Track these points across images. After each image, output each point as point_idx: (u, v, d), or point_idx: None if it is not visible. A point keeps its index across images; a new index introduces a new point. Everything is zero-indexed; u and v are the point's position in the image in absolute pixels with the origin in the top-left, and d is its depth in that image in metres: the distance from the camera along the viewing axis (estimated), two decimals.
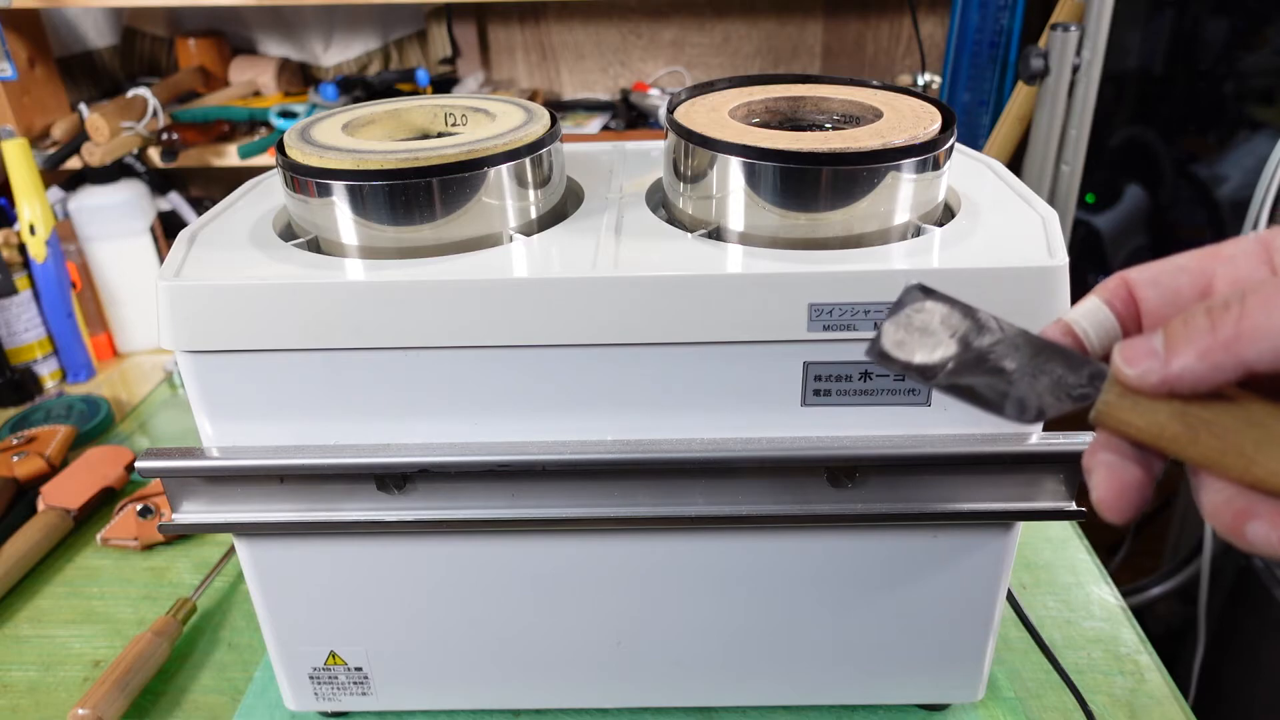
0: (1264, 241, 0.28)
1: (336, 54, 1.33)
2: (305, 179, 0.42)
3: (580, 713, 0.55)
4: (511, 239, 0.44)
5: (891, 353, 0.30)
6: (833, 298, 0.39)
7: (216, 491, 0.44)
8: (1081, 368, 0.28)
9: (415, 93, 1.20)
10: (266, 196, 0.49)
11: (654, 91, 1.27)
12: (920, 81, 1.23)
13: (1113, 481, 0.27)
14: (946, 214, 0.45)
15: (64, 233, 0.98)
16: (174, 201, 1.13)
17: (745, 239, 0.43)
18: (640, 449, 0.42)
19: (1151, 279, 0.29)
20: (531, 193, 0.45)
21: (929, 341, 0.30)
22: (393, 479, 0.43)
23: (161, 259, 0.73)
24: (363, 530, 0.45)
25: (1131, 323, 0.29)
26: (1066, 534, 0.70)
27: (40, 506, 0.72)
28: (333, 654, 0.51)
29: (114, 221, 1.00)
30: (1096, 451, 0.28)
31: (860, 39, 1.31)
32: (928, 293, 0.30)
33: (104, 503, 0.75)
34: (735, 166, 0.41)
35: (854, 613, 0.49)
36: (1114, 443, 0.28)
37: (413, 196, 0.41)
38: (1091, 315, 0.29)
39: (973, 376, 0.29)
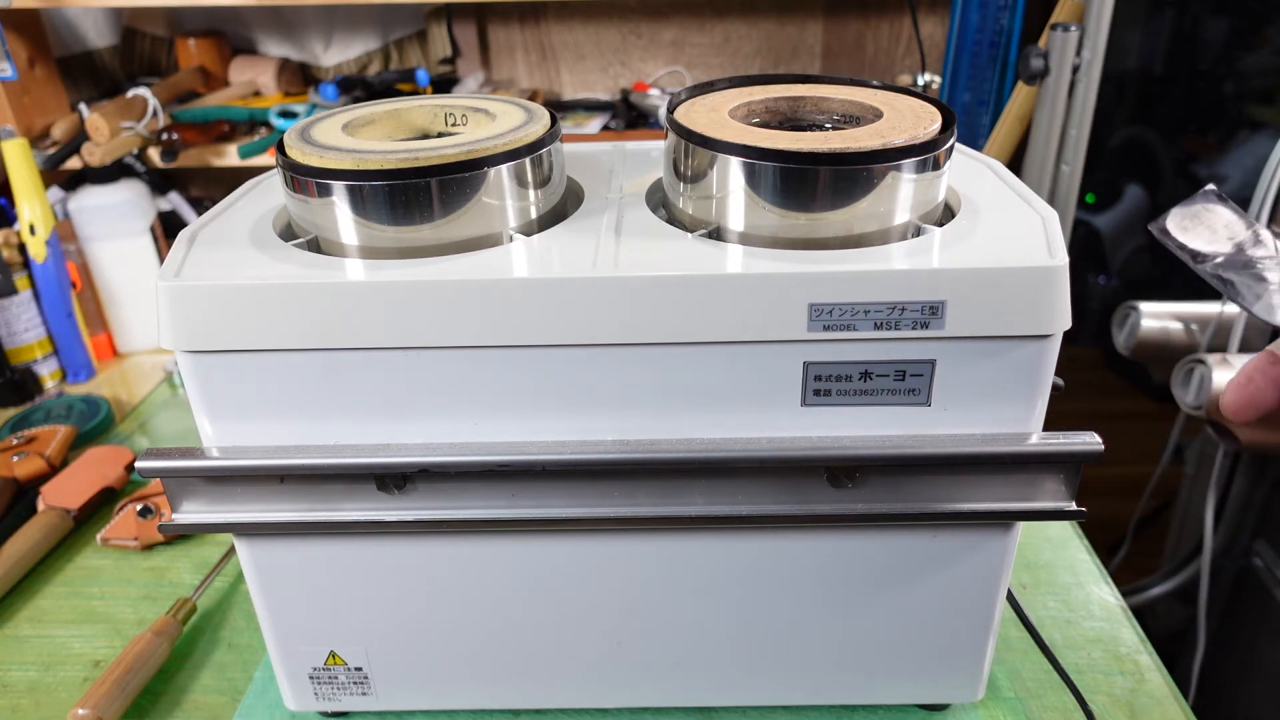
0: None
1: (336, 54, 1.33)
2: (305, 179, 0.42)
3: (580, 713, 0.55)
4: (511, 239, 0.44)
5: (1174, 232, 0.32)
6: (833, 298, 0.39)
7: (216, 491, 0.44)
8: None
9: (415, 93, 1.20)
10: (266, 196, 0.49)
11: (654, 91, 1.27)
12: (920, 81, 1.23)
13: (1253, 393, 0.31)
14: (946, 214, 0.45)
15: (64, 233, 0.98)
16: (174, 201, 1.13)
17: (745, 239, 0.43)
18: (640, 449, 0.42)
19: None
20: (531, 193, 0.45)
21: (1209, 236, 0.32)
22: (393, 479, 0.43)
23: (161, 259, 0.73)
24: (363, 530, 0.45)
25: None
26: (1066, 534, 0.70)
27: (40, 506, 0.73)
28: (333, 654, 0.51)
29: (114, 221, 1.00)
30: (1262, 365, 0.31)
31: (860, 39, 1.31)
32: (1221, 198, 0.32)
33: (104, 503, 0.75)
34: (735, 166, 0.41)
35: (854, 613, 0.49)
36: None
37: (413, 196, 0.41)
38: None
39: (1236, 274, 0.32)
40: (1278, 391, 0.31)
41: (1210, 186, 0.33)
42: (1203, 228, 0.33)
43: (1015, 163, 1.11)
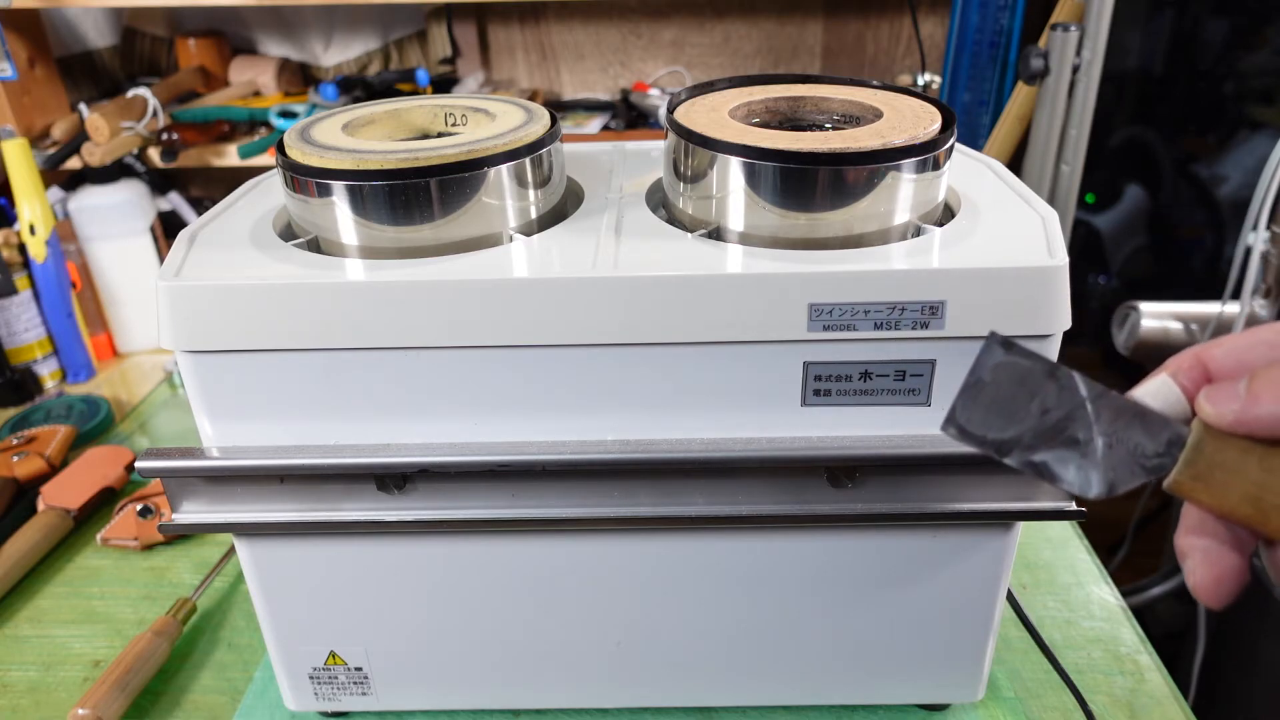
0: None
1: (336, 54, 1.33)
2: (305, 179, 0.42)
3: (580, 713, 0.55)
4: (511, 239, 0.44)
5: (968, 427, 0.30)
6: (833, 298, 0.39)
7: (216, 491, 0.44)
8: (1161, 432, 0.27)
9: (415, 93, 1.20)
10: (266, 196, 0.49)
11: (654, 91, 1.27)
12: (920, 81, 1.23)
13: (1209, 568, 0.27)
14: (946, 214, 0.45)
15: (64, 233, 0.98)
16: (174, 201, 1.13)
17: (745, 239, 0.43)
18: (640, 449, 0.42)
19: (1225, 351, 0.29)
20: (531, 193, 0.45)
21: (1006, 411, 0.29)
22: (393, 479, 0.43)
23: (161, 259, 0.73)
24: (363, 530, 0.45)
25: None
26: (1066, 534, 0.70)
27: (40, 506, 0.72)
28: (333, 654, 0.51)
29: (114, 221, 1.00)
30: (1188, 535, 0.28)
31: (860, 39, 1.31)
32: (1008, 346, 0.30)
33: (104, 503, 0.75)
34: (735, 166, 0.41)
35: (854, 613, 0.49)
36: (1206, 525, 0.28)
37: (413, 196, 0.41)
38: (1159, 393, 0.29)
39: (1046, 451, 0.29)
40: (1236, 557, 0.28)
41: (994, 332, 0.30)
42: (996, 401, 0.29)
43: (1015, 163, 1.11)
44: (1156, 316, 0.96)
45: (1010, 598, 0.55)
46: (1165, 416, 0.28)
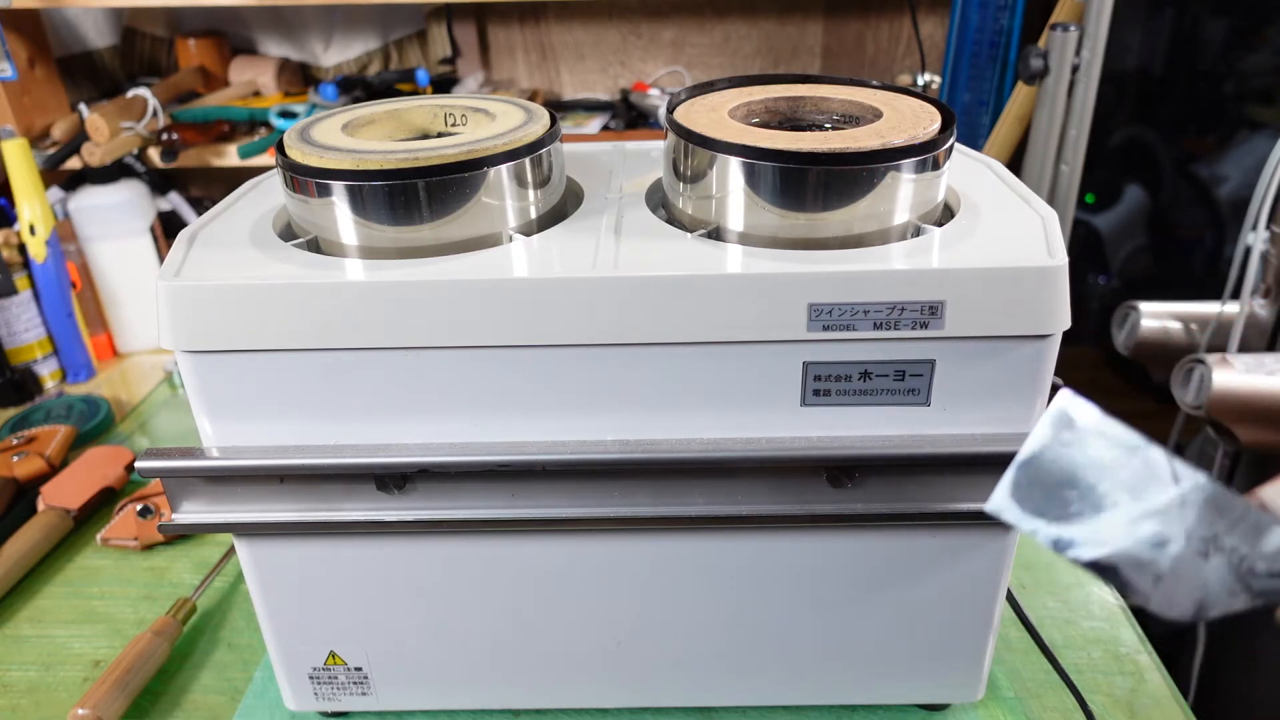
0: None
1: (336, 54, 1.33)
2: (305, 179, 0.42)
3: (580, 713, 0.55)
4: (511, 239, 0.44)
5: (1019, 511, 0.23)
6: (832, 298, 0.39)
7: (216, 491, 0.44)
8: (1275, 539, 0.21)
9: (415, 93, 1.20)
10: (266, 196, 0.49)
11: (654, 91, 1.27)
12: (920, 81, 1.23)
13: None
14: (946, 214, 0.45)
15: (64, 233, 0.98)
16: (174, 201, 1.13)
17: (745, 239, 0.43)
18: (640, 449, 0.42)
19: None
20: (531, 193, 0.45)
21: (1068, 491, 0.23)
22: (393, 479, 0.43)
23: (161, 259, 0.73)
24: (363, 530, 0.45)
25: None
26: None
27: (40, 506, 0.72)
28: (333, 654, 0.51)
29: (114, 221, 0.99)
30: None
31: (860, 39, 1.31)
32: (1076, 411, 0.23)
33: (104, 503, 0.75)
34: (735, 166, 0.41)
35: (854, 612, 0.49)
36: None
37: (412, 196, 0.41)
38: None
39: (1117, 549, 0.22)
40: None
41: (1062, 387, 0.23)
42: (1062, 477, 0.22)
43: (1015, 163, 1.11)
44: (1156, 316, 0.96)
45: (1010, 598, 0.55)
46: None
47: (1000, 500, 0.24)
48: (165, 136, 1.09)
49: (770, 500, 0.44)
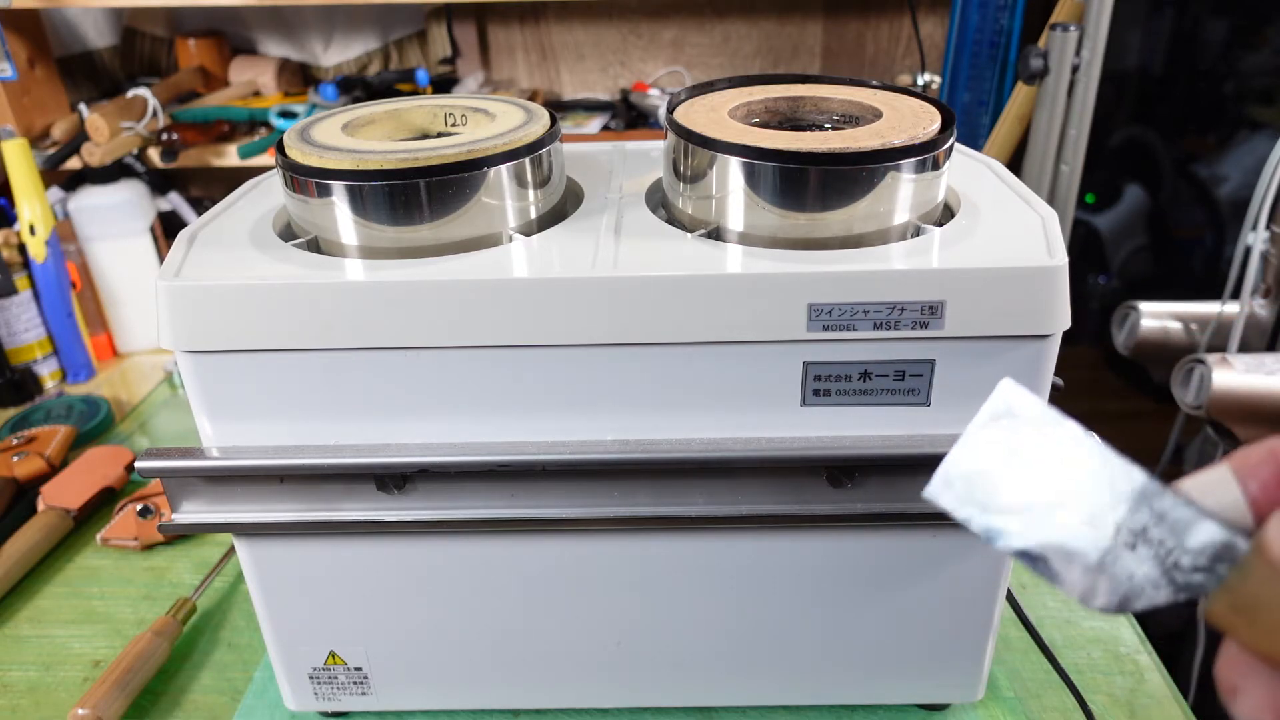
0: None
1: (336, 54, 1.33)
2: (305, 179, 0.42)
3: (580, 713, 0.55)
4: (511, 239, 0.44)
5: (949, 497, 0.23)
6: (833, 298, 0.39)
7: (216, 491, 0.44)
8: (1201, 534, 0.20)
9: (415, 93, 1.20)
10: (266, 196, 0.49)
11: (654, 91, 1.27)
12: (920, 81, 1.22)
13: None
14: (946, 214, 0.45)
15: (64, 233, 0.98)
16: (174, 201, 1.13)
17: (745, 239, 0.43)
18: (640, 449, 0.42)
19: None
20: (531, 193, 0.45)
21: (999, 481, 0.23)
22: (393, 479, 0.43)
23: (161, 259, 0.73)
24: (363, 530, 0.45)
25: (1270, 509, 0.21)
26: None
27: (40, 506, 0.72)
28: (332, 654, 0.51)
29: (114, 221, 0.99)
30: (1239, 668, 0.21)
31: (860, 39, 1.31)
32: (1015, 399, 0.23)
33: (104, 503, 0.75)
34: (735, 166, 0.41)
35: (854, 613, 0.49)
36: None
37: (412, 196, 0.41)
38: (1215, 490, 0.21)
39: (1044, 539, 0.22)
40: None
41: (1007, 381, 0.23)
42: (991, 467, 0.22)
43: (1015, 163, 1.11)
44: (1156, 316, 0.96)
45: (1010, 598, 0.55)
46: (1217, 521, 0.21)
47: (936, 486, 0.24)
48: (165, 136, 1.09)
49: (770, 500, 0.44)
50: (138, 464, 0.43)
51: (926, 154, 0.41)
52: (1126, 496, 0.22)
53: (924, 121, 0.42)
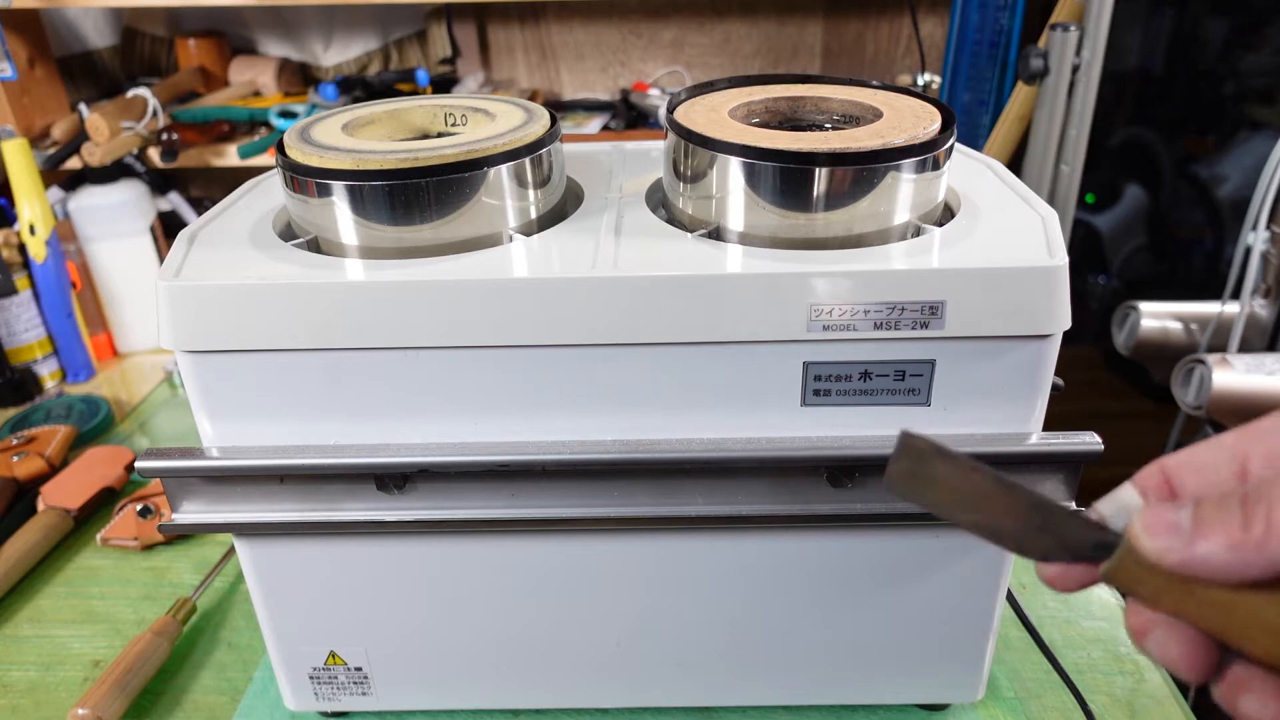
0: None
1: (336, 54, 1.33)
2: (305, 179, 0.42)
3: (580, 713, 0.55)
4: (511, 239, 0.44)
5: (898, 494, 0.29)
6: (833, 298, 0.39)
7: (216, 491, 0.44)
8: (1088, 534, 0.26)
9: (415, 93, 1.20)
10: (266, 196, 0.49)
11: (654, 91, 1.27)
12: (920, 81, 1.23)
13: (1184, 647, 0.24)
14: (946, 214, 0.45)
15: (64, 233, 0.98)
16: (174, 201, 1.13)
17: (745, 239, 0.43)
18: (640, 449, 0.42)
19: (1187, 460, 0.26)
20: (531, 193, 0.45)
21: (937, 488, 0.28)
22: (393, 479, 0.43)
23: (161, 259, 0.73)
24: (363, 530, 0.45)
25: None
26: None
27: (40, 506, 0.72)
28: (333, 654, 0.51)
29: (114, 221, 0.99)
30: (1151, 628, 0.25)
31: (860, 39, 1.31)
32: (927, 451, 0.28)
33: (104, 503, 0.75)
34: (735, 166, 0.41)
35: (854, 613, 0.49)
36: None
37: (412, 196, 0.41)
38: (1124, 499, 0.27)
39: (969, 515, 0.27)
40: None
41: (906, 430, 0.28)
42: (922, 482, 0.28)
43: (1015, 163, 1.11)
44: (1156, 316, 0.96)
45: (1010, 598, 0.55)
46: (1095, 524, 0.26)
47: (889, 473, 0.29)
48: (165, 136, 1.09)
49: (770, 500, 0.44)
50: (138, 464, 0.43)
51: (927, 154, 0.41)
52: (1029, 513, 0.27)
53: (924, 121, 0.42)
